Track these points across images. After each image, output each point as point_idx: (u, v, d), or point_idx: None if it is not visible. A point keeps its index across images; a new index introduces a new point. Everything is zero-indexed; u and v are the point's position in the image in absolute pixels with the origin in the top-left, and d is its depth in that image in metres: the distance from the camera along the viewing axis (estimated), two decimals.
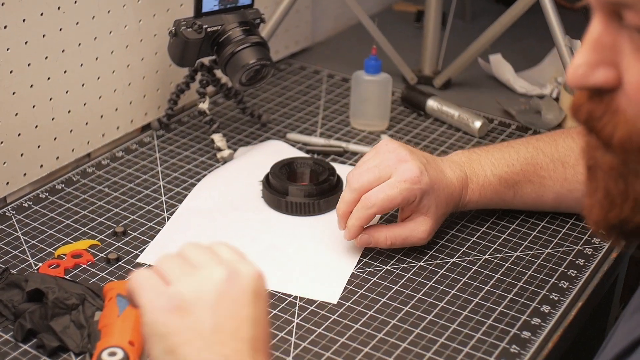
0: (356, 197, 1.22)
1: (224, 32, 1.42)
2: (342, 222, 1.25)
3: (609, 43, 0.73)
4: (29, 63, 1.35)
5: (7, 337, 1.09)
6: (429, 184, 1.21)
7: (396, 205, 1.22)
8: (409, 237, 1.23)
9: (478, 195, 1.28)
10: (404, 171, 1.21)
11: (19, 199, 1.37)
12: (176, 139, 1.56)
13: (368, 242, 1.24)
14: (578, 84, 0.75)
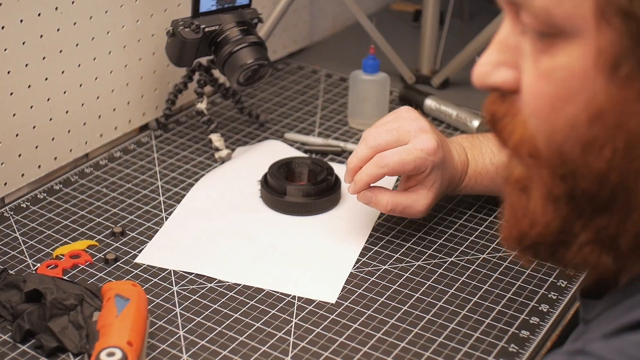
0: (370, 154, 1.22)
1: (222, 31, 1.42)
2: (350, 176, 1.25)
3: (514, 44, 0.73)
4: (26, 63, 1.34)
5: (6, 338, 1.09)
6: (441, 159, 1.22)
7: (407, 171, 1.22)
8: (409, 207, 1.24)
9: (474, 181, 1.29)
10: (423, 140, 1.21)
11: (17, 199, 1.37)
12: (174, 139, 1.56)
13: (370, 200, 1.24)
14: (479, 83, 0.76)
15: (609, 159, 0.69)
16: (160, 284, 1.19)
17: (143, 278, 1.20)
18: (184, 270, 1.22)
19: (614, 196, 0.70)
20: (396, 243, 1.28)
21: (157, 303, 1.16)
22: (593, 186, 0.71)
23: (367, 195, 1.24)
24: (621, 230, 0.71)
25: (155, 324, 1.12)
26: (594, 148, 0.69)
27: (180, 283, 1.19)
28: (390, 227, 1.31)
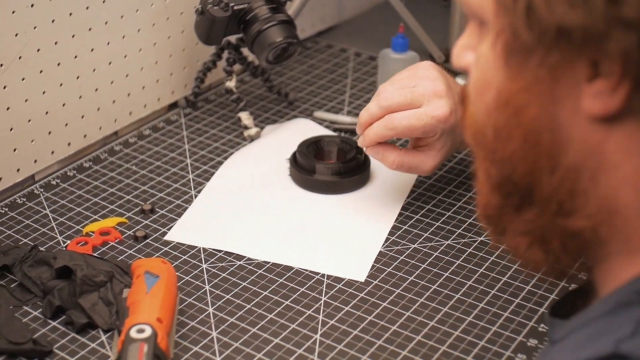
0: (381, 114, 1.22)
1: (251, 10, 1.42)
2: (361, 130, 1.25)
3: (478, 30, 0.75)
4: (55, 41, 1.35)
5: (36, 314, 1.10)
6: (453, 125, 1.20)
7: (415, 136, 1.23)
8: (416, 167, 1.24)
9: None
10: (436, 107, 1.20)
11: (47, 176, 1.38)
12: (203, 117, 1.56)
13: (377, 155, 1.25)
14: (453, 64, 0.80)
15: (514, 149, 0.72)
16: (189, 262, 1.19)
17: (172, 255, 1.21)
18: (213, 248, 1.22)
19: (529, 189, 0.73)
20: (425, 222, 1.28)
21: (187, 280, 1.16)
22: (511, 176, 0.74)
23: (375, 150, 1.24)
24: (547, 227, 0.73)
25: (185, 301, 1.12)
26: (501, 137, 0.73)
27: (209, 260, 1.20)
28: (419, 206, 1.31)
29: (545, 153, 0.71)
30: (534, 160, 0.72)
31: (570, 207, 0.71)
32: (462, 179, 1.37)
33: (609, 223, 0.71)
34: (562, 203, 0.72)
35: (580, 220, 0.71)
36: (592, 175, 0.70)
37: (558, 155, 0.70)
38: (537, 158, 0.71)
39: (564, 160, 0.70)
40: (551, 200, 0.72)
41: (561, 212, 0.72)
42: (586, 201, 0.71)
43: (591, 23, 0.64)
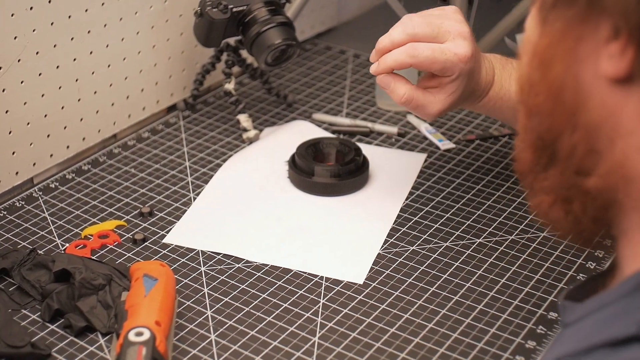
0: (405, 40, 1.19)
1: (250, 12, 1.42)
2: (377, 56, 1.21)
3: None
4: (54, 44, 1.35)
5: (35, 317, 1.10)
6: (470, 69, 1.19)
7: (434, 70, 1.19)
8: (423, 107, 1.21)
9: (493, 104, 1.25)
10: (460, 45, 1.19)
11: (46, 179, 1.38)
12: (202, 119, 1.56)
13: (387, 85, 1.21)
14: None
15: (541, 103, 0.76)
16: (188, 264, 1.20)
17: (171, 258, 1.21)
18: (212, 251, 1.22)
19: (553, 146, 0.76)
20: (424, 224, 1.28)
21: (185, 283, 1.16)
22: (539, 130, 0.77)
23: (387, 80, 1.21)
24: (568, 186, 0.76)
25: (183, 304, 1.12)
26: (533, 91, 0.77)
27: (208, 263, 1.20)
28: (418, 208, 1.31)
29: (568, 110, 0.74)
30: (557, 116, 0.75)
31: (588, 167, 0.74)
32: (460, 181, 1.37)
33: (625, 191, 0.72)
34: (581, 161, 0.74)
35: (595, 180, 0.73)
36: (609, 137, 0.72)
37: (578, 113, 0.73)
38: (560, 114, 0.75)
39: (584, 119, 0.73)
40: (571, 158, 0.75)
41: (580, 171, 0.74)
42: (601, 161, 0.72)
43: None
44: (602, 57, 0.70)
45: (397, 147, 1.47)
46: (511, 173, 1.38)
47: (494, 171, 1.39)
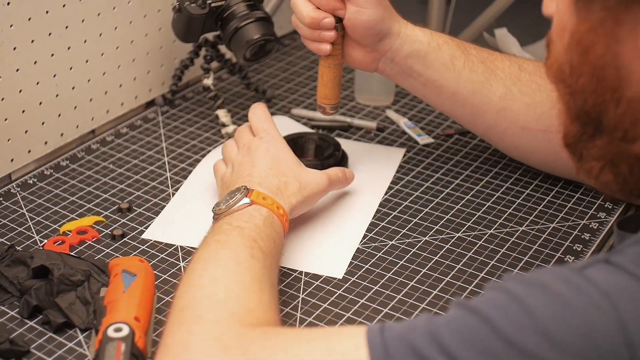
0: None
1: (228, 7, 1.41)
2: None
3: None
4: (32, 40, 1.34)
5: (13, 314, 1.09)
6: None
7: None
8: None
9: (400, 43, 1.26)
10: None
11: (24, 175, 1.37)
12: (181, 115, 1.56)
13: None
14: (543, 11, 0.89)
15: (585, 83, 0.82)
16: (167, 260, 1.19)
17: (150, 254, 1.20)
18: (191, 246, 1.22)
19: (599, 119, 0.83)
20: (403, 219, 1.28)
21: (165, 279, 1.16)
22: (584, 107, 0.84)
23: None
24: (615, 152, 0.83)
25: (163, 299, 1.12)
26: (575, 72, 0.83)
27: (187, 259, 1.19)
28: (397, 203, 1.31)
29: (611, 87, 0.80)
30: (601, 93, 0.81)
31: (633, 134, 0.81)
32: (439, 176, 1.38)
33: None
34: (627, 131, 0.81)
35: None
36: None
37: (621, 88, 0.80)
38: (604, 91, 0.81)
39: (627, 93, 0.80)
40: (617, 128, 0.81)
41: (626, 138, 0.81)
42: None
43: None
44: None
45: (376, 141, 1.48)
46: (490, 167, 1.39)
47: (472, 166, 1.40)
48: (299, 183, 1.19)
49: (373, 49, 1.25)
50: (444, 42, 1.27)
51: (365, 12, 1.21)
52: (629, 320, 0.71)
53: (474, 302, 0.77)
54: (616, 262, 0.75)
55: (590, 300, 0.73)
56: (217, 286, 0.95)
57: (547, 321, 0.72)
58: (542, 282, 0.76)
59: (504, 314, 0.74)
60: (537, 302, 0.74)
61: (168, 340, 0.90)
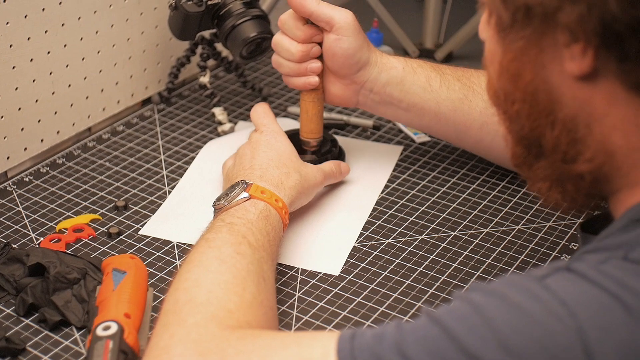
0: None
1: (225, 5, 1.41)
2: None
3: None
4: (28, 37, 1.34)
5: (9, 312, 1.09)
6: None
7: None
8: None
9: (379, 71, 1.28)
10: None
11: (20, 173, 1.37)
12: (177, 112, 1.56)
13: None
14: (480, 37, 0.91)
15: (519, 109, 0.85)
16: (164, 258, 1.19)
17: (146, 252, 1.20)
18: (188, 243, 1.22)
19: (538, 142, 0.85)
20: (399, 217, 1.28)
21: (161, 277, 1.16)
22: (522, 131, 0.86)
23: None
24: (559, 172, 0.85)
25: (159, 297, 1.12)
26: (508, 99, 0.86)
27: (183, 257, 1.19)
28: (393, 201, 1.31)
29: (544, 111, 0.83)
30: (535, 118, 0.84)
31: (573, 155, 0.83)
32: (435, 174, 1.38)
33: (609, 163, 0.82)
34: (566, 152, 0.83)
35: (583, 165, 0.83)
36: (585, 124, 0.81)
37: (554, 111, 0.82)
38: (538, 116, 0.83)
39: (560, 115, 0.82)
40: (556, 150, 0.84)
41: (566, 159, 0.84)
42: (585, 148, 0.82)
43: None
44: (565, 60, 0.78)
45: (373, 140, 1.48)
46: (486, 166, 1.39)
47: (469, 164, 1.40)
48: (300, 174, 1.21)
49: (352, 80, 1.28)
50: (418, 66, 1.29)
51: (345, 40, 1.24)
52: (588, 328, 0.71)
53: (439, 311, 0.78)
54: (576, 270, 0.76)
55: (549, 310, 0.73)
56: (199, 288, 0.95)
57: (506, 332, 0.73)
58: (503, 292, 0.76)
59: (464, 325, 0.75)
60: (497, 313, 0.74)
61: (152, 343, 0.90)
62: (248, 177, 1.16)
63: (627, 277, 0.74)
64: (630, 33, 0.73)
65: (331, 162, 1.31)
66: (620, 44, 0.74)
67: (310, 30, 1.24)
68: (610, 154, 0.81)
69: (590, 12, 0.73)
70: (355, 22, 1.25)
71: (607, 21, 0.73)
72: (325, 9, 1.24)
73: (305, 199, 1.23)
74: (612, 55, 0.75)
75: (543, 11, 0.77)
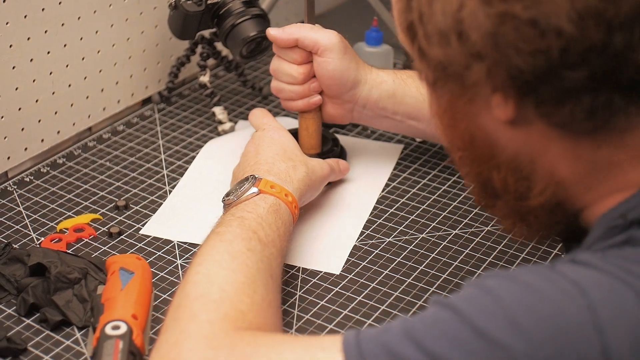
0: None
1: (224, 4, 1.41)
2: None
3: None
4: (28, 37, 1.34)
5: (10, 312, 1.09)
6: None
7: None
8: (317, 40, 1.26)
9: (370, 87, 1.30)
10: None
11: (21, 173, 1.37)
12: (177, 112, 1.56)
13: None
14: None
15: (462, 156, 0.88)
16: (164, 257, 1.19)
17: (147, 251, 1.20)
18: (189, 242, 1.22)
19: (490, 185, 0.87)
20: (400, 215, 1.28)
21: (161, 276, 1.16)
22: (470, 175, 0.89)
23: None
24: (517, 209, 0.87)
25: (160, 297, 1.12)
26: (451, 146, 0.89)
27: (184, 256, 1.19)
28: (394, 200, 1.31)
29: (485, 155, 0.85)
30: (479, 163, 0.86)
31: (523, 191, 0.84)
32: (436, 173, 1.38)
33: (563, 190, 0.83)
34: (516, 190, 0.85)
35: (536, 199, 0.84)
36: (529, 161, 0.82)
37: (496, 155, 0.84)
38: (481, 161, 0.86)
39: (502, 157, 0.84)
40: (507, 190, 0.86)
41: (519, 197, 0.85)
42: (533, 183, 0.83)
43: (455, 58, 0.78)
44: (492, 107, 0.80)
45: (373, 138, 1.48)
46: None
47: None
48: (306, 167, 1.21)
49: (343, 100, 1.30)
50: (408, 77, 1.31)
51: (330, 62, 1.26)
52: (599, 306, 0.72)
53: (450, 298, 0.78)
54: (581, 260, 0.77)
55: (560, 287, 0.73)
56: (211, 285, 0.95)
57: (516, 309, 0.73)
58: (514, 275, 0.77)
59: (475, 305, 0.75)
60: (507, 292, 0.75)
61: (162, 337, 0.90)
62: (255, 172, 1.17)
63: (630, 263, 0.75)
64: (538, 81, 0.75)
65: (331, 159, 1.31)
66: (533, 91, 0.76)
67: (306, 52, 1.27)
68: (561, 183, 0.83)
69: (497, 66, 0.76)
70: (341, 42, 1.27)
71: (514, 73, 0.75)
72: (309, 32, 1.26)
73: (313, 193, 1.24)
74: (530, 101, 0.77)
75: (455, 69, 0.79)
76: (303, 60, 1.27)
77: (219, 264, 0.98)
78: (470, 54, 0.77)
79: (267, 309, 0.97)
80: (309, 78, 1.28)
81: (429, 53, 0.81)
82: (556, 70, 0.74)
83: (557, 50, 0.73)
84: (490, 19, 0.74)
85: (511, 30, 0.74)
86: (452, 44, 0.78)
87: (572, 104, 0.76)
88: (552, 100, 0.76)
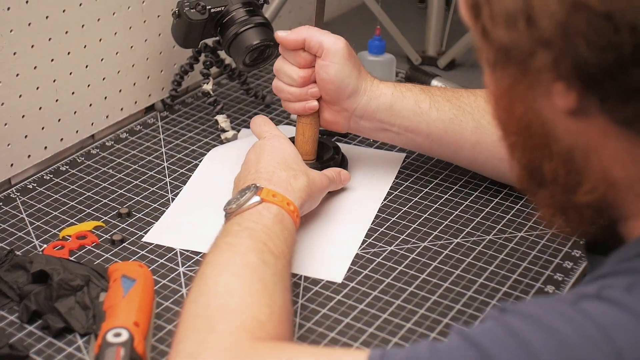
0: None
1: (228, 12, 1.42)
2: None
3: None
4: (32, 45, 1.34)
5: (13, 319, 1.09)
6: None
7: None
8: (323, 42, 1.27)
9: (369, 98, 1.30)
10: None
11: (24, 180, 1.37)
12: (180, 120, 1.56)
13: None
14: None
15: (515, 141, 0.86)
16: (166, 265, 1.19)
17: (149, 259, 1.20)
18: (191, 250, 1.22)
19: (539, 173, 0.85)
20: (402, 224, 1.28)
21: (164, 284, 1.16)
22: (522, 161, 0.87)
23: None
24: (561, 202, 0.85)
25: (162, 304, 1.12)
26: (505, 130, 0.87)
27: (186, 264, 1.20)
28: (396, 208, 1.31)
29: (540, 143, 0.83)
30: (532, 150, 0.84)
31: (572, 186, 0.83)
32: (438, 181, 1.38)
33: (612, 193, 0.81)
34: (565, 183, 0.83)
35: (584, 196, 0.82)
36: (583, 156, 0.80)
37: (550, 144, 0.82)
38: (534, 148, 0.84)
39: (556, 147, 0.81)
40: (556, 181, 0.84)
41: (567, 190, 0.83)
42: (584, 179, 0.82)
43: (521, 42, 0.76)
44: (554, 95, 0.78)
45: (375, 147, 1.48)
46: None
47: (471, 172, 1.40)
48: (307, 177, 1.21)
49: (341, 107, 1.29)
50: (407, 89, 1.30)
51: (332, 66, 1.26)
52: (626, 353, 0.71)
53: (474, 332, 0.77)
54: (608, 297, 0.75)
55: (586, 334, 0.72)
56: (231, 296, 0.95)
57: (542, 356, 0.72)
58: (538, 315, 0.75)
59: (502, 349, 0.74)
60: (534, 337, 0.74)
61: (180, 346, 0.90)
62: (257, 181, 1.16)
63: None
64: (605, 76, 0.73)
65: (332, 169, 1.31)
66: (598, 85, 0.74)
67: (310, 56, 1.27)
68: (612, 184, 0.81)
69: (564, 56, 0.74)
70: (346, 48, 1.27)
71: (581, 65, 0.73)
72: (317, 33, 1.27)
73: (312, 203, 1.24)
74: (593, 95, 0.75)
75: (520, 54, 0.77)
76: (306, 64, 1.27)
77: (237, 276, 0.99)
78: (537, 41, 0.75)
79: (286, 319, 0.97)
80: (309, 82, 1.28)
81: (493, 34, 0.79)
82: (625, 68, 0.72)
83: (629, 46, 0.71)
84: (564, 7, 0.72)
85: (584, 22, 0.72)
86: (519, 27, 0.76)
87: (637, 102, 0.74)
88: (617, 96, 0.74)
